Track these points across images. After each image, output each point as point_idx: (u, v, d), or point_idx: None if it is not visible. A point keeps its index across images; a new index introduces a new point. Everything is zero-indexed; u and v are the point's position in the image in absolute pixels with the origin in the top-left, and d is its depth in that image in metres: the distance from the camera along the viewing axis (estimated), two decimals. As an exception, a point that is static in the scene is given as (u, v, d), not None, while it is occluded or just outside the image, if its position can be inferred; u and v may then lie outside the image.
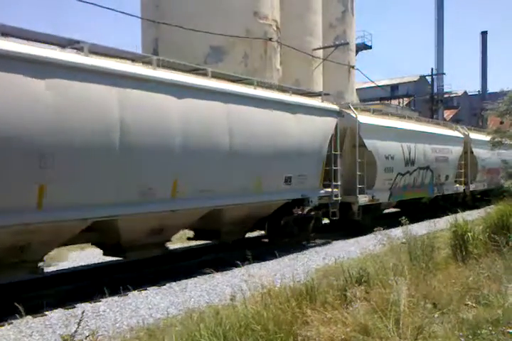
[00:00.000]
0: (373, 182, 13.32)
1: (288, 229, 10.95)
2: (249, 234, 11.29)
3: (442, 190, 17.56)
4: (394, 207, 16.90)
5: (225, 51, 17.39)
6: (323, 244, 11.71)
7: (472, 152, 20.00)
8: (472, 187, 20.09)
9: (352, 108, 13.06)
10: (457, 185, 18.85)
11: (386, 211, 16.43)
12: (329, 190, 11.65)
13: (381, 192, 13.70)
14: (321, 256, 10.12)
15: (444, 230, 8.84)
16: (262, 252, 9.71)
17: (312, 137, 10.94)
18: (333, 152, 11.76)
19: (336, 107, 12.20)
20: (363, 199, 12.82)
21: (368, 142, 12.88)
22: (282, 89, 10.98)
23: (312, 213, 11.26)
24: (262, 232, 11.77)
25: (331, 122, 11.74)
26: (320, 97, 12.21)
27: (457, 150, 18.73)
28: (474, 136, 20.98)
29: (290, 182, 10.28)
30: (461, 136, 19.60)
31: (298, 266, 9.03)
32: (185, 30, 15.58)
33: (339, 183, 11.88)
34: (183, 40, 16.55)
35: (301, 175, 10.57)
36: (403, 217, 7.75)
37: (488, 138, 18.32)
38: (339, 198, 11.91)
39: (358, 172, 12.66)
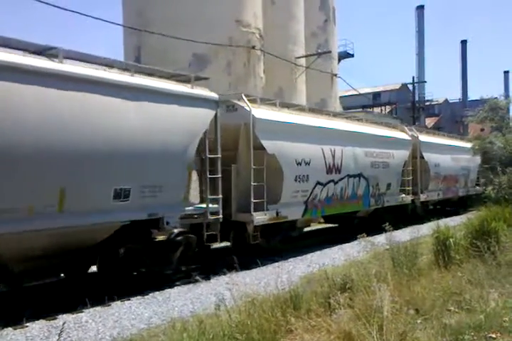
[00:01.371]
0: (279, 194, 10.52)
1: (135, 261, 8.07)
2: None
3: (382, 201, 14.91)
4: (326, 223, 15.40)
5: (208, 59, 17.40)
6: (310, 250, 11.68)
7: (423, 157, 17.53)
8: (423, 197, 17.53)
9: (245, 99, 10.13)
10: (403, 195, 16.16)
11: (320, 226, 15.65)
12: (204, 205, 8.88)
13: (291, 206, 10.86)
14: (306, 263, 10.13)
15: (427, 236, 8.92)
16: (247, 260, 9.67)
17: (168, 133, 7.99)
18: (208, 155, 8.95)
19: (212, 95, 9.09)
20: (261, 217, 9.95)
21: (267, 143, 10.07)
22: (122, 67, 7.90)
23: (179, 238, 8.42)
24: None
25: (203, 115, 8.84)
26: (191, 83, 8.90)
27: (402, 154, 15.99)
28: (426, 138, 18.46)
29: (127, 197, 7.29)
30: (408, 138, 16.83)
31: (282, 273, 9.01)
32: (168, 38, 15.57)
33: (220, 196, 9.09)
34: (165, 47, 16.52)
35: (151, 186, 7.71)
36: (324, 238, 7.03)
37: (444, 141, 17.91)
38: (219, 216, 9.05)
39: (253, 183, 9.79)
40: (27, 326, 6.07)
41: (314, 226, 15.69)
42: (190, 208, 8.66)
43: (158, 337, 4.91)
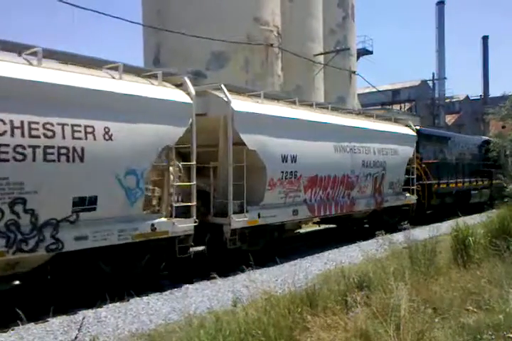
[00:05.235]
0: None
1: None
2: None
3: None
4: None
5: (227, 57, 17.47)
6: (327, 248, 11.66)
7: (244, 143, 14.71)
8: (238, 220, 13.07)
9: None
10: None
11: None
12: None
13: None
14: (323, 261, 10.11)
15: (446, 235, 8.84)
16: (263, 258, 9.70)
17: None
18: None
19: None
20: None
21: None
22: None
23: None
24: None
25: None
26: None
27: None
28: (255, 106, 14.13)
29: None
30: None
31: (299, 271, 9.02)
32: (187, 37, 15.66)
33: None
34: (184, 46, 16.63)
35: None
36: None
37: (318, 116, 12.26)
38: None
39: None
40: (47, 320, 6.19)
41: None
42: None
43: (176, 333, 4.96)
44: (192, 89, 8.40)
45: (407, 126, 15.90)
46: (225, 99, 9.00)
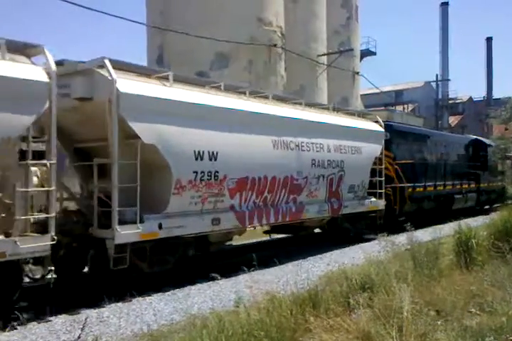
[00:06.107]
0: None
1: None
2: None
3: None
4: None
5: (230, 58, 17.51)
6: (329, 249, 11.65)
7: (137, 135, 11.63)
8: (122, 234, 10.28)
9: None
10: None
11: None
12: None
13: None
14: (325, 262, 10.10)
15: (448, 236, 8.82)
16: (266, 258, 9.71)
17: None
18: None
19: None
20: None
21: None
22: None
23: None
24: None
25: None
26: None
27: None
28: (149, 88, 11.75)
29: None
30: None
31: (301, 272, 9.03)
32: (190, 37, 15.69)
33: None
34: (188, 46, 16.69)
35: None
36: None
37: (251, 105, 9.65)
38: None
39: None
40: (50, 320, 6.20)
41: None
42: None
43: (178, 333, 4.97)
44: (52, 64, 6.38)
45: (376, 122, 13.83)
46: (109, 78, 6.98)
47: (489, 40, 58.14)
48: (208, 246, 9.01)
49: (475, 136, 23.01)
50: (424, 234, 9.17)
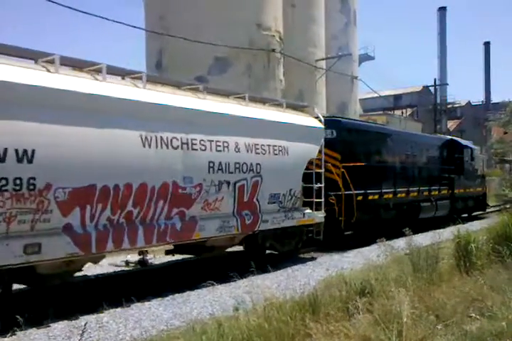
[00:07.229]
0: None
1: None
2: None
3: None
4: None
5: (229, 62, 17.52)
6: (329, 254, 11.63)
7: None
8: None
9: None
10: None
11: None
12: None
13: None
14: (325, 267, 10.08)
15: (448, 241, 8.82)
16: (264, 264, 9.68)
17: None
18: None
19: None
20: None
21: None
22: None
23: None
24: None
25: None
26: None
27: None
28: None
29: None
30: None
31: (301, 277, 9.01)
32: (189, 42, 15.72)
33: None
34: (187, 51, 16.69)
35: None
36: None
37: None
38: None
39: None
40: (49, 326, 6.17)
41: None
42: None
43: (177, 339, 4.95)
44: None
45: (316, 117, 11.44)
46: None
47: (487, 44, 58.44)
48: (39, 280, 6.82)
49: (450, 137, 21.41)
50: (423, 239, 9.16)
